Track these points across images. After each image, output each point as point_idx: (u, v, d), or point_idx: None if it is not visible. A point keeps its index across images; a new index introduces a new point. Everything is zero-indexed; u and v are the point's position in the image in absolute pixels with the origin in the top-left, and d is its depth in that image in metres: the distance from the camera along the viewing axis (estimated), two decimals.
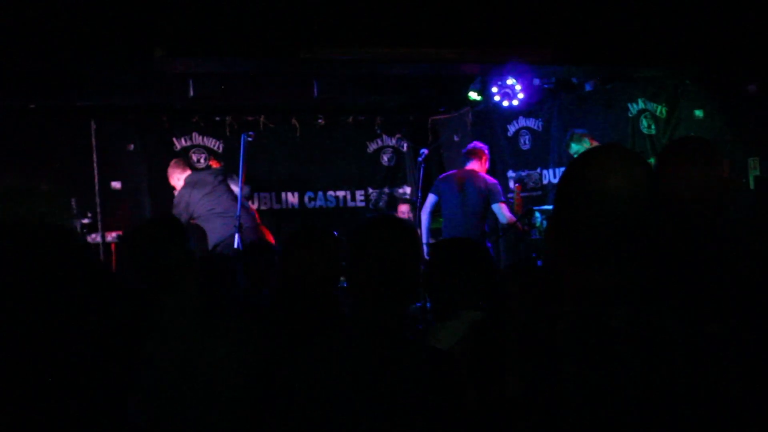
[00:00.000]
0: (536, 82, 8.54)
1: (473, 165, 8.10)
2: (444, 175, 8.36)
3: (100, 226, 9.12)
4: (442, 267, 3.43)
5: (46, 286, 1.52)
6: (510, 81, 8.32)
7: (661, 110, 7.92)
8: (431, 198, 8.11)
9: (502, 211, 7.77)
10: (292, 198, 10.16)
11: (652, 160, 8.01)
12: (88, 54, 5.83)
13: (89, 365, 1.50)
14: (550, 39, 6.34)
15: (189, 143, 9.76)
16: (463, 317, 3.16)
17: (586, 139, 7.65)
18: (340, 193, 10.41)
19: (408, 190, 10.60)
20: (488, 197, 7.83)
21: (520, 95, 8.38)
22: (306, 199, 10.23)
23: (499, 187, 7.97)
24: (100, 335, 1.52)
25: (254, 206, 9.76)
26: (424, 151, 8.68)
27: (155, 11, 5.66)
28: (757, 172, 7.04)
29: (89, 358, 1.51)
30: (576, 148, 7.78)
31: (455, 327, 3.06)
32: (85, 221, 8.84)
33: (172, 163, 8.18)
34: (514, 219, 7.74)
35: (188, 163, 8.20)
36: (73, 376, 1.50)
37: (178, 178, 7.93)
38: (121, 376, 1.52)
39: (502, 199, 7.89)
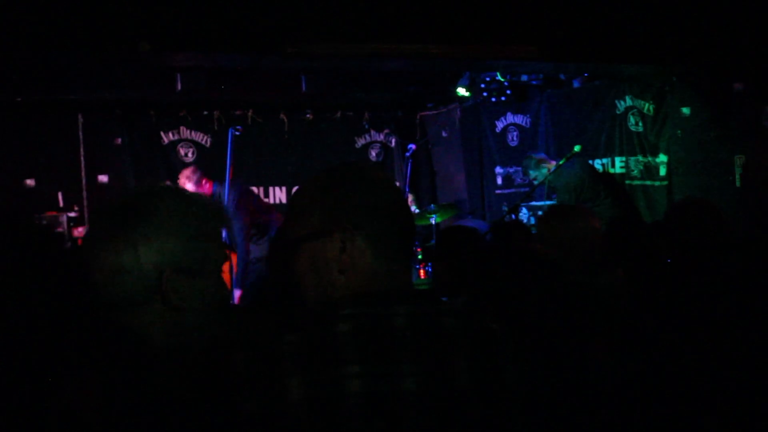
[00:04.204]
0: (524, 78, 8.57)
1: None
2: None
3: (86, 220, 9.09)
4: (443, 256, 3.51)
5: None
6: (498, 77, 8.35)
7: (648, 107, 7.93)
8: None
9: None
10: (280, 193, 10.15)
11: (640, 157, 8.08)
12: (75, 47, 5.80)
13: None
14: (536, 35, 6.35)
15: (176, 137, 9.74)
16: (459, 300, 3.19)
17: (544, 165, 7.74)
18: None
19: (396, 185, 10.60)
20: None
21: (507, 92, 8.42)
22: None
23: None
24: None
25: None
26: (412, 146, 8.69)
27: (142, 5, 5.64)
28: (743, 170, 7.07)
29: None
30: (534, 174, 7.86)
31: None
32: (72, 215, 8.83)
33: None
34: None
35: None
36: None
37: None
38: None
39: None
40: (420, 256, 8.51)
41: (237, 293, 7.21)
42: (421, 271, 8.21)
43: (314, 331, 1.46)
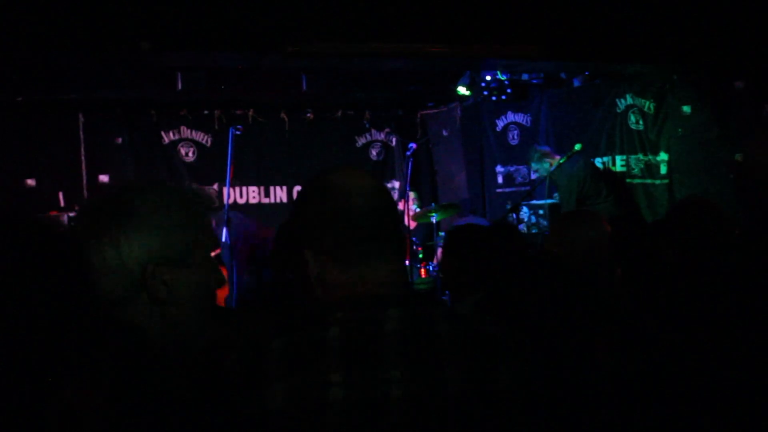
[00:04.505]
0: (524, 77, 8.56)
1: None
2: None
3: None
4: (451, 252, 3.52)
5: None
6: (498, 76, 8.35)
7: (649, 106, 7.93)
8: None
9: None
10: (281, 192, 10.15)
11: (641, 155, 8.08)
12: (75, 47, 5.80)
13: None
14: (537, 35, 6.35)
15: (177, 137, 9.74)
16: (469, 301, 3.21)
17: (547, 160, 7.73)
18: None
19: (396, 184, 10.61)
20: None
21: (508, 90, 8.41)
22: (294, 193, 10.22)
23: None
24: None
25: (242, 200, 9.83)
26: (413, 145, 8.68)
27: (142, 4, 5.64)
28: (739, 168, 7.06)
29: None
30: (536, 167, 7.87)
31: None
32: (73, 215, 8.83)
33: None
34: None
35: None
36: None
37: None
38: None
39: None
40: (421, 255, 8.51)
41: None
42: (422, 270, 8.21)
43: (304, 335, 1.45)
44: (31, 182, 9.11)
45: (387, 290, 1.50)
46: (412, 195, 9.15)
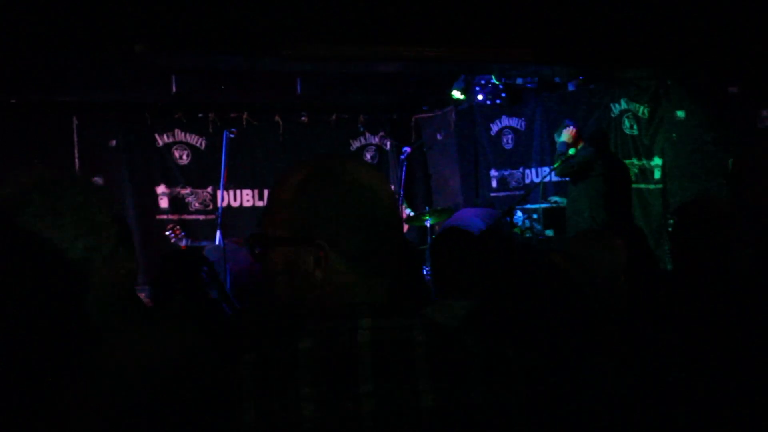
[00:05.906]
0: (519, 81, 8.58)
1: None
2: None
3: None
4: (441, 254, 3.50)
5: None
6: (493, 80, 8.37)
7: (643, 110, 7.95)
8: None
9: None
10: None
11: (635, 160, 8.09)
12: (70, 49, 5.79)
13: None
14: (531, 38, 6.35)
15: (171, 140, 9.73)
16: (459, 307, 3.19)
17: (566, 136, 7.55)
18: None
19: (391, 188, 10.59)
20: None
21: (503, 94, 8.43)
22: None
23: None
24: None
25: (236, 203, 9.82)
26: (407, 149, 8.69)
27: (138, 6, 5.63)
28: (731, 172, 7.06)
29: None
30: (562, 146, 7.80)
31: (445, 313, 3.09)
32: None
33: None
34: None
35: None
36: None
37: None
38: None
39: None
40: None
41: None
42: None
43: (275, 348, 1.39)
44: None
45: (372, 299, 1.43)
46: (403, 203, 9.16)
